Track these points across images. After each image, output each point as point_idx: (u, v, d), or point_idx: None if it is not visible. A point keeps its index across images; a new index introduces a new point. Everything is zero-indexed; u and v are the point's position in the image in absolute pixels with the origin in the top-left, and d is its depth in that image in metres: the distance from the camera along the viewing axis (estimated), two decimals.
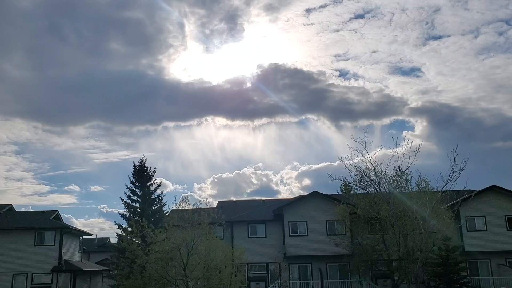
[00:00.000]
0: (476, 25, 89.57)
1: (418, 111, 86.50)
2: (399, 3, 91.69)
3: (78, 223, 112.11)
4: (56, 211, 45.85)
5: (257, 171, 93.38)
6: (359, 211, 33.33)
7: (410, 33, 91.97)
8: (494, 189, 36.59)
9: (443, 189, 29.37)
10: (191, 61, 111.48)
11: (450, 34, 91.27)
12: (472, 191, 34.05)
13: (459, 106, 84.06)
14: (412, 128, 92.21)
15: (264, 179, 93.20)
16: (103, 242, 64.42)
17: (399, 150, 31.42)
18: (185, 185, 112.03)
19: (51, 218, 43.08)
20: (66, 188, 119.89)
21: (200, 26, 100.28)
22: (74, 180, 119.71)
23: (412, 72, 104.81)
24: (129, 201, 36.97)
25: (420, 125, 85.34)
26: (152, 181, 38.01)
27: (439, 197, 29.49)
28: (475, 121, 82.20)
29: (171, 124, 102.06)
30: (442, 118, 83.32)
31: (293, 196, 50.30)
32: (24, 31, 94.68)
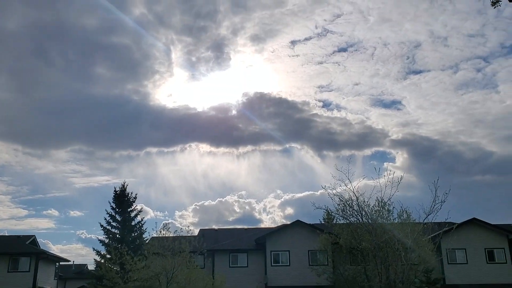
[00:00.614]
0: (455, 61, 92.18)
1: (398, 143, 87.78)
2: (381, 38, 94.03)
3: (55, 249, 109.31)
4: (33, 236, 44.65)
5: (240, 199, 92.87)
6: (341, 241, 33.21)
7: (391, 67, 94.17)
8: (474, 222, 36.91)
9: (425, 221, 29.48)
10: (176, 88, 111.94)
11: (430, 69, 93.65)
12: (453, 223, 34.28)
13: (439, 139, 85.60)
14: (393, 160, 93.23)
15: (247, 207, 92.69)
16: (81, 269, 62.71)
17: (381, 180, 31.62)
18: (166, 212, 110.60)
19: (27, 243, 41.91)
20: (44, 212, 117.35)
21: (186, 53, 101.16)
22: (53, 204, 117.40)
23: (393, 105, 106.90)
24: (109, 227, 36.15)
25: (400, 156, 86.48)
26: (132, 207, 37.36)
27: (421, 228, 29.58)
28: (455, 154, 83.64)
29: (154, 149, 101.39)
30: (422, 150, 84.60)
31: (276, 225, 50.01)
32: (10, 53, 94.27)
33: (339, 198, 31.72)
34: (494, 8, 6.85)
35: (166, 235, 28.51)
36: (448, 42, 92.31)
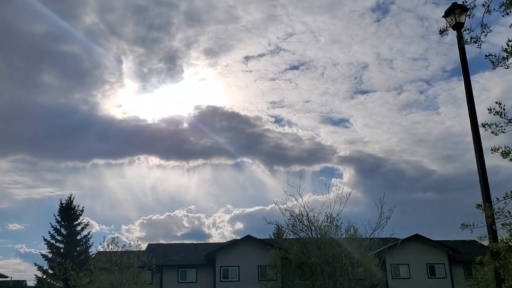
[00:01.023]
0: (400, 82, 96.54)
1: (346, 160, 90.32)
2: (331, 58, 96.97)
3: None
4: None
5: (189, 214, 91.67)
6: (290, 256, 33.60)
7: (340, 86, 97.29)
8: (417, 238, 38.40)
9: (371, 236, 30.43)
10: (126, 99, 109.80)
11: (376, 89, 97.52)
12: (397, 239, 35.49)
13: (384, 157, 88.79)
14: (340, 176, 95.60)
15: (196, 222, 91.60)
16: (19, 285, 59.73)
17: (330, 196, 32.42)
18: (112, 226, 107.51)
19: None
20: None
21: (138, 64, 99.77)
22: None
23: (341, 122, 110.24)
24: (53, 241, 34.89)
25: (348, 173, 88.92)
26: (79, 221, 36.31)
27: (367, 244, 30.47)
28: (398, 172, 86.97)
29: (101, 161, 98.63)
30: (368, 167, 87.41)
31: (225, 240, 49.86)
32: None
33: (290, 213, 32.22)
34: (442, 36, 7.44)
35: (114, 250, 27.80)
36: (394, 64, 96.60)
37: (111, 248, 28.03)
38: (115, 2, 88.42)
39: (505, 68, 6.73)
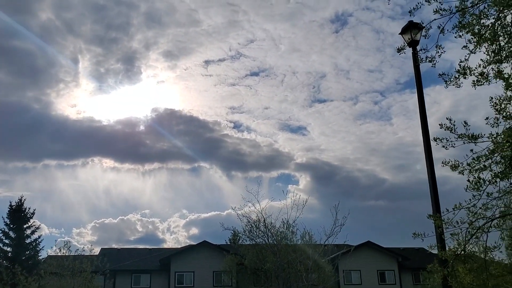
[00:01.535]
0: (356, 93, 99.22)
1: (302, 167, 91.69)
2: (290, 66, 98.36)
3: None
4: None
5: (143, 218, 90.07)
6: (246, 262, 33.77)
7: (299, 95, 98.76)
8: (368, 245, 39.48)
9: (325, 243, 31.06)
10: (82, 99, 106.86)
11: (333, 99, 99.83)
12: (350, 245, 36.35)
13: (339, 165, 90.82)
14: (297, 182, 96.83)
15: (150, 226, 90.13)
16: None
17: (286, 202, 32.86)
18: (63, 229, 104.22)
19: None
20: None
21: (95, 64, 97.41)
22: None
23: (299, 130, 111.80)
24: (0, 245, 33.54)
25: (304, 180, 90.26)
26: (29, 224, 35.08)
27: (322, 250, 31.08)
28: (352, 180, 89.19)
29: (53, 162, 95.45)
30: (323, 175, 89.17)
31: (180, 245, 49.45)
32: None
33: (247, 219, 32.42)
34: (399, 54, 7.87)
35: (66, 254, 27.07)
36: (350, 75, 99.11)
37: (63, 253, 27.27)
38: (73, 0, 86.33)
39: (457, 87, 7.21)
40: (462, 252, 7.35)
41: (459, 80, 7.09)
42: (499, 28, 6.68)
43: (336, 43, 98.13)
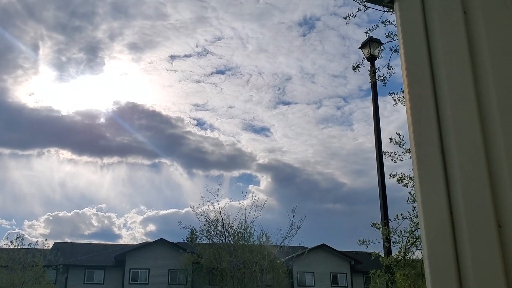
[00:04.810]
0: (320, 97, 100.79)
1: (264, 168, 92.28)
2: (257, 66, 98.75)
3: None
4: None
5: (99, 212, 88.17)
6: (202, 260, 33.91)
7: (264, 95, 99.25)
8: (323, 248, 40.32)
9: (281, 244, 31.63)
10: (41, 87, 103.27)
11: (298, 101, 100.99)
12: (305, 247, 37.05)
13: (299, 167, 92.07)
14: (257, 183, 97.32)
15: (106, 221, 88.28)
16: None
17: (246, 202, 33.22)
18: (14, 221, 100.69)
19: None
20: None
21: (56, 52, 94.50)
22: None
23: (262, 131, 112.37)
24: None
25: (265, 180, 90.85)
26: None
27: (277, 251, 31.62)
28: (312, 182, 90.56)
29: (6, 151, 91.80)
30: (284, 176, 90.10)
31: (136, 242, 49.01)
32: None
33: (205, 218, 32.59)
34: (355, 72, 8.35)
35: (18, 247, 26.48)
36: (315, 79, 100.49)
37: (15, 245, 26.67)
38: None
39: (404, 105, 7.72)
40: (402, 259, 7.89)
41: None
42: None
43: (303, 46, 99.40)
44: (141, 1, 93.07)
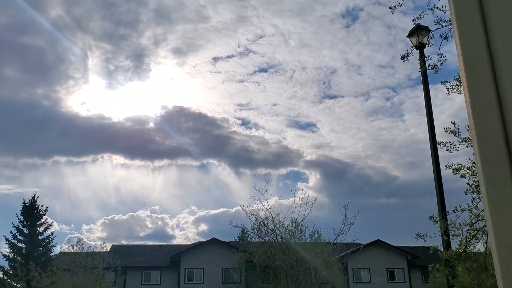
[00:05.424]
0: (367, 89, 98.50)
1: (312, 164, 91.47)
2: (300, 61, 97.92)
3: None
4: None
5: (152, 214, 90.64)
6: (255, 259, 34.03)
7: (308, 91, 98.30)
8: (378, 243, 39.53)
9: (335, 241, 31.22)
10: (91, 96, 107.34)
11: (344, 95, 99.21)
12: (359, 244, 36.45)
13: (349, 162, 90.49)
14: (306, 180, 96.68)
15: (160, 222, 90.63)
16: None
17: (295, 200, 33.01)
18: (73, 225, 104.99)
19: None
20: None
21: (104, 61, 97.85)
22: None
23: (308, 127, 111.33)
24: (15, 241, 34.17)
25: (313, 177, 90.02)
26: (42, 221, 35.69)
27: (331, 248, 31.24)
28: (363, 177, 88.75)
29: (62, 159, 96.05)
30: (334, 172, 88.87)
31: (189, 242, 49.93)
32: None
33: (255, 217, 32.66)
34: (403, 61, 8.07)
35: (78, 251, 27.59)
36: (361, 70, 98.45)
37: (76, 249, 27.80)
38: None
39: (458, 94, 7.40)
40: (463, 252, 7.57)
41: (460, 87, 7.29)
42: None
43: (347, 38, 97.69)
44: (183, 5, 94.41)
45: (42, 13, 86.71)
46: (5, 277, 31.81)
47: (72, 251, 28.13)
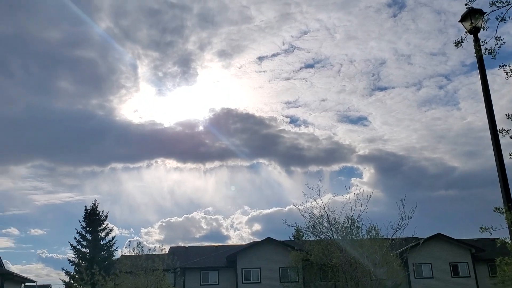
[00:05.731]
0: (419, 78, 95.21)
1: (365, 159, 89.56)
2: (347, 54, 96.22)
3: (14, 269, 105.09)
4: None
5: (207, 215, 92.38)
6: (312, 257, 33.76)
7: (357, 84, 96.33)
8: (439, 237, 38.18)
9: (393, 237, 30.41)
10: (143, 103, 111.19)
11: (395, 86, 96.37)
12: (419, 238, 35.36)
13: (404, 155, 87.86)
14: (360, 175, 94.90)
15: (214, 223, 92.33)
16: None
17: (350, 196, 32.41)
18: (132, 229, 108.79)
19: None
20: (3, 231, 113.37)
21: (153, 68, 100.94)
22: (12, 222, 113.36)
23: (359, 121, 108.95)
24: (79, 246, 35.73)
25: (367, 172, 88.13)
26: (103, 226, 37.08)
27: (389, 244, 30.46)
28: (419, 169, 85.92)
29: (119, 165, 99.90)
30: (388, 166, 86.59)
31: (244, 242, 50.38)
32: None
33: (310, 215, 32.38)
34: (457, 48, 7.63)
35: (138, 254, 28.44)
36: (412, 60, 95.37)
37: (136, 252, 28.65)
38: (129, 6, 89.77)
39: None
40: None
41: None
42: None
43: (394, 27, 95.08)
44: (226, 7, 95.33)
45: (92, 26, 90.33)
46: (72, 281, 33.31)
47: (133, 254, 29.00)
